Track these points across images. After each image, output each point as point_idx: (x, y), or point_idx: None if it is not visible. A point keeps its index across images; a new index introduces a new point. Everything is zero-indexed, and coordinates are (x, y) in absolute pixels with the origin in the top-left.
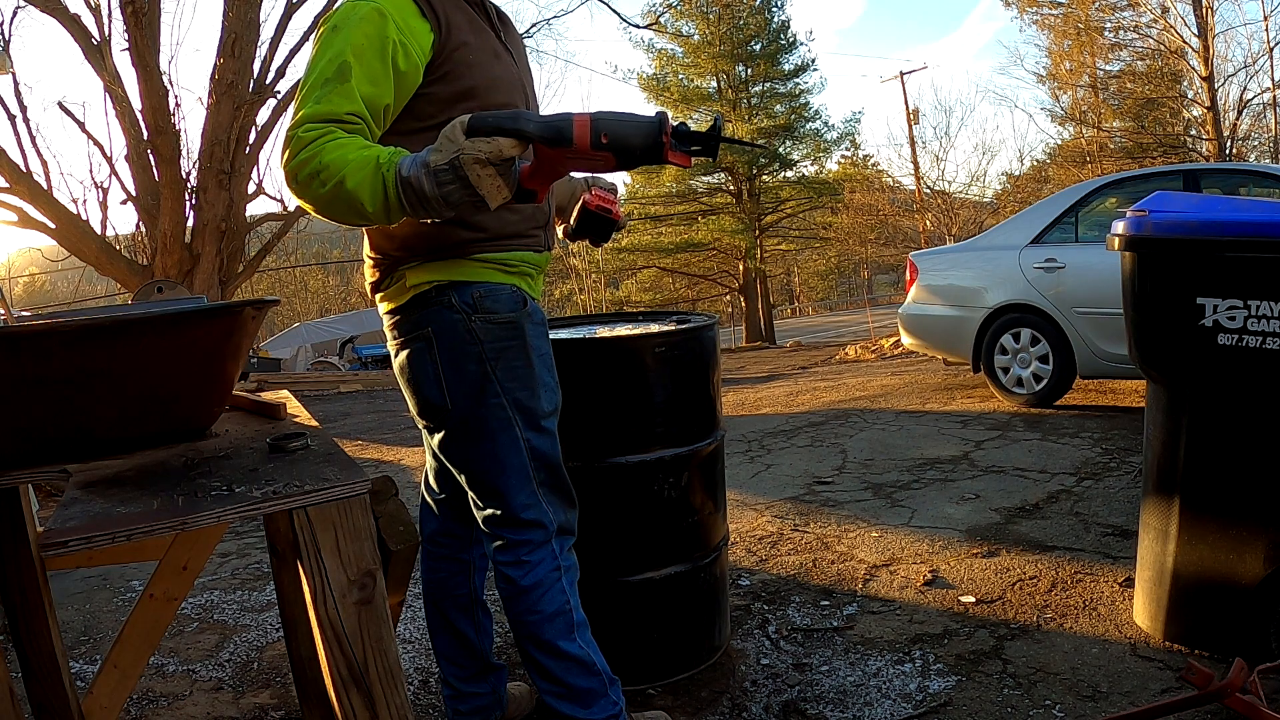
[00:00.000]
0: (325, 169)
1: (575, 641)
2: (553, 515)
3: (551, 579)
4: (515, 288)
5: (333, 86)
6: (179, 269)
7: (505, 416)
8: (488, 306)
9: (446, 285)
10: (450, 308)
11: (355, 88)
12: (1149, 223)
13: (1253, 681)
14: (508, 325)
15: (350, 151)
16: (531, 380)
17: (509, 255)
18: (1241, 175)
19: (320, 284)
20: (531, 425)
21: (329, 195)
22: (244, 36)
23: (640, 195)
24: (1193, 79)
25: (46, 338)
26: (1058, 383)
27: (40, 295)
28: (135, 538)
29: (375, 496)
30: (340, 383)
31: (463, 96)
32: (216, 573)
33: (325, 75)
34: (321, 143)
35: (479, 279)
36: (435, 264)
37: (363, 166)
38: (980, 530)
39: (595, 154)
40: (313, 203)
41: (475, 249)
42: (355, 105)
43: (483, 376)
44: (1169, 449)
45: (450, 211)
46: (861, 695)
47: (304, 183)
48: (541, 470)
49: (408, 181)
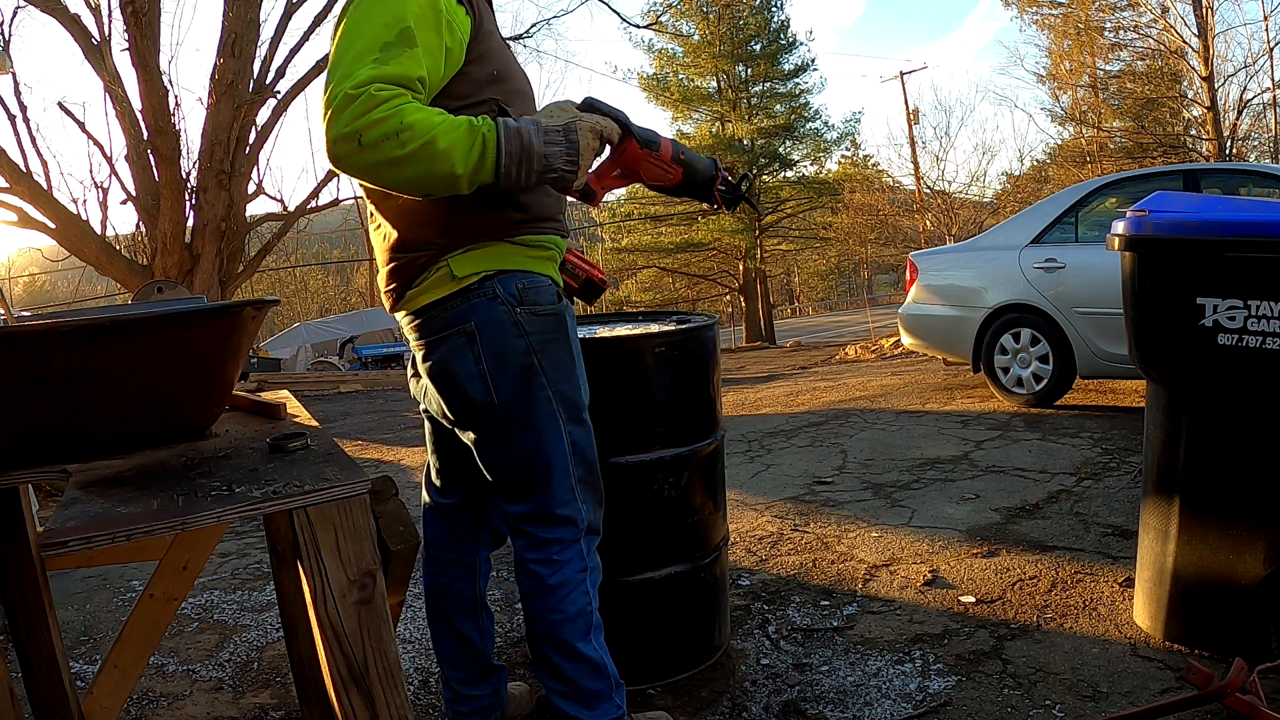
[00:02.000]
0: (408, 129)
1: (591, 644)
2: (585, 512)
3: (577, 580)
4: (550, 279)
5: (399, 50)
6: (179, 269)
7: (551, 410)
8: (532, 298)
9: (491, 276)
10: (495, 299)
11: (421, 55)
12: (1149, 223)
13: (1253, 681)
14: (551, 317)
15: (434, 115)
16: (573, 372)
17: (545, 238)
18: (1241, 175)
19: (320, 284)
20: (574, 418)
21: (407, 156)
22: (244, 36)
23: (640, 195)
24: (1193, 79)
25: (46, 338)
26: (1058, 383)
27: (40, 295)
28: (135, 538)
29: (375, 496)
30: (340, 383)
31: (495, 79)
32: (216, 573)
33: (384, 38)
34: (399, 103)
35: (522, 269)
36: (481, 251)
37: (455, 127)
38: (980, 530)
39: (671, 166)
40: (380, 164)
41: (519, 230)
42: (423, 73)
43: (530, 369)
44: (1169, 449)
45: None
46: (861, 695)
47: (373, 144)
48: (580, 465)
49: (517, 134)
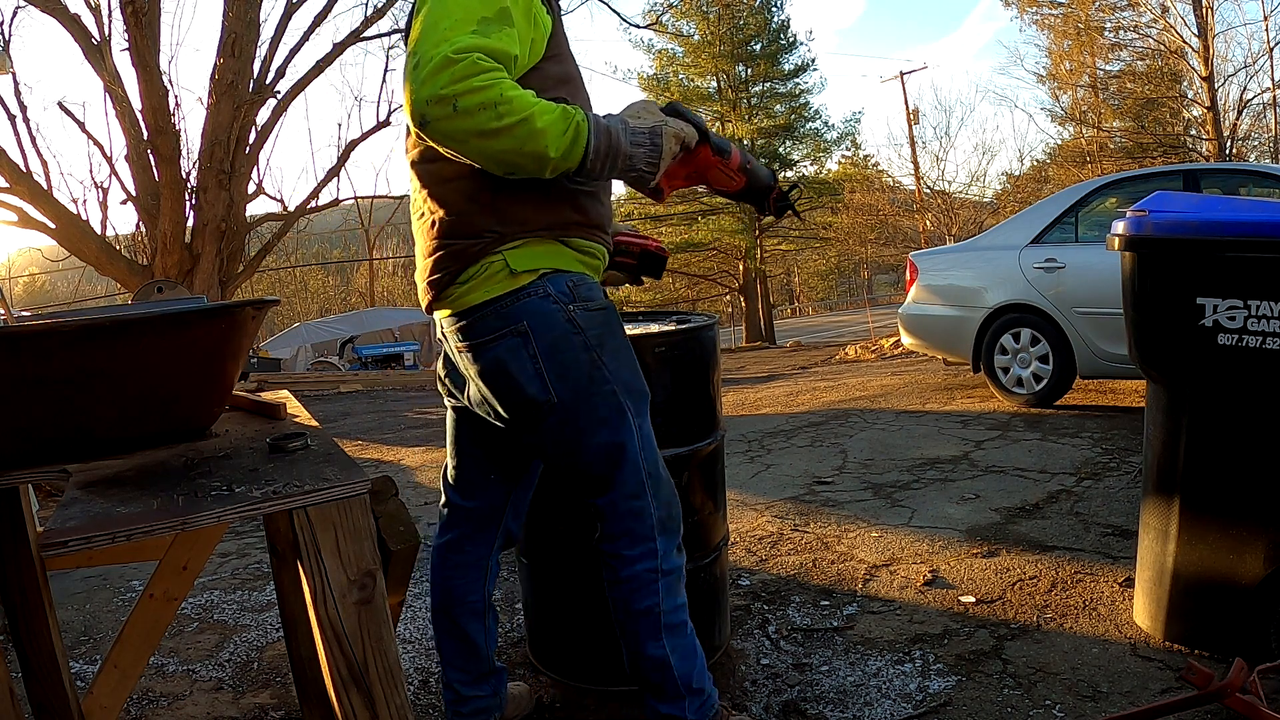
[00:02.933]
0: (507, 102)
1: (661, 643)
2: (655, 507)
3: (646, 578)
4: (594, 279)
5: (498, 26)
6: (179, 269)
7: (618, 402)
8: (584, 294)
9: (546, 275)
10: (547, 297)
11: (517, 35)
12: (1149, 223)
13: (1253, 681)
14: (604, 311)
15: (530, 95)
16: (634, 364)
17: (594, 245)
18: (1241, 175)
19: (320, 284)
20: (640, 410)
21: (502, 129)
22: (244, 36)
23: (640, 195)
24: (1193, 79)
25: (46, 338)
26: (1058, 383)
27: (40, 295)
28: (135, 538)
29: (375, 496)
30: (340, 383)
31: (567, 78)
32: (216, 573)
33: (483, 13)
34: (499, 76)
35: (572, 268)
36: (536, 248)
37: (550, 110)
38: (980, 530)
39: (737, 174)
40: (472, 132)
41: (573, 232)
42: (518, 52)
43: (591, 364)
44: (1169, 449)
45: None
46: (861, 695)
47: (469, 110)
48: (649, 458)
49: (606, 130)
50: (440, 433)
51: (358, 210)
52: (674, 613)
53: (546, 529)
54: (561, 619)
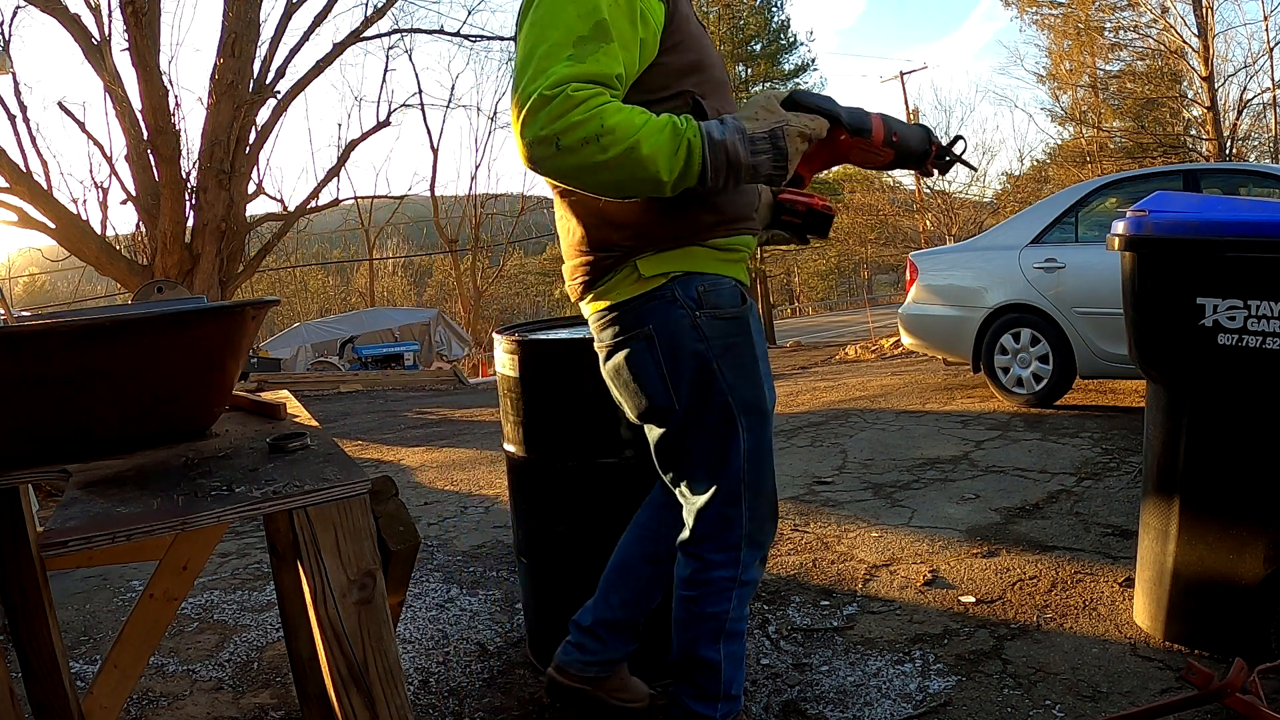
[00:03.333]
0: (609, 133)
1: (716, 649)
2: (747, 520)
3: (723, 585)
4: (735, 281)
5: (595, 46)
6: (179, 269)
7: (730, 415)
8: (713, 301)
9: (676, 279)
10: (674, 303)
11: (618, 50)
12: (1149, 223)
13: (1253, 681)
14: (734, 320)
15: (635, 116)
16: (756, 376)
17: (736, 240)
18: (1241, 175)
19: (320, 284)
20: (753, 424)
21: (609, 161)
22: (244, 36)
23: None
24: (1193, 79)
25: (46, 338)
26: (1058, 383)
27: (40, 295)
28: (135, 538)
29: (375, 496)
30: (340, 383)
31: (693, 69)
32: (216, 573)
33: (579, 32)
34: (598, 104)
35: (707, 270)
36: (670, 253)
37: (658, 131)
38: (980, 530)
39: (882, 149)
40: (580, 168)
41: (711, 234)
42: (620, 69)
43: (709, 374)
44: (1169, 449)
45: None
46: (861, 695)
47: (572, 148)
48: (753, 472)
49: (721, 145)
50: (439, 433)
51: (358, 210)
52: (738, 621)
53: (547, 529)
54: (561, 619)
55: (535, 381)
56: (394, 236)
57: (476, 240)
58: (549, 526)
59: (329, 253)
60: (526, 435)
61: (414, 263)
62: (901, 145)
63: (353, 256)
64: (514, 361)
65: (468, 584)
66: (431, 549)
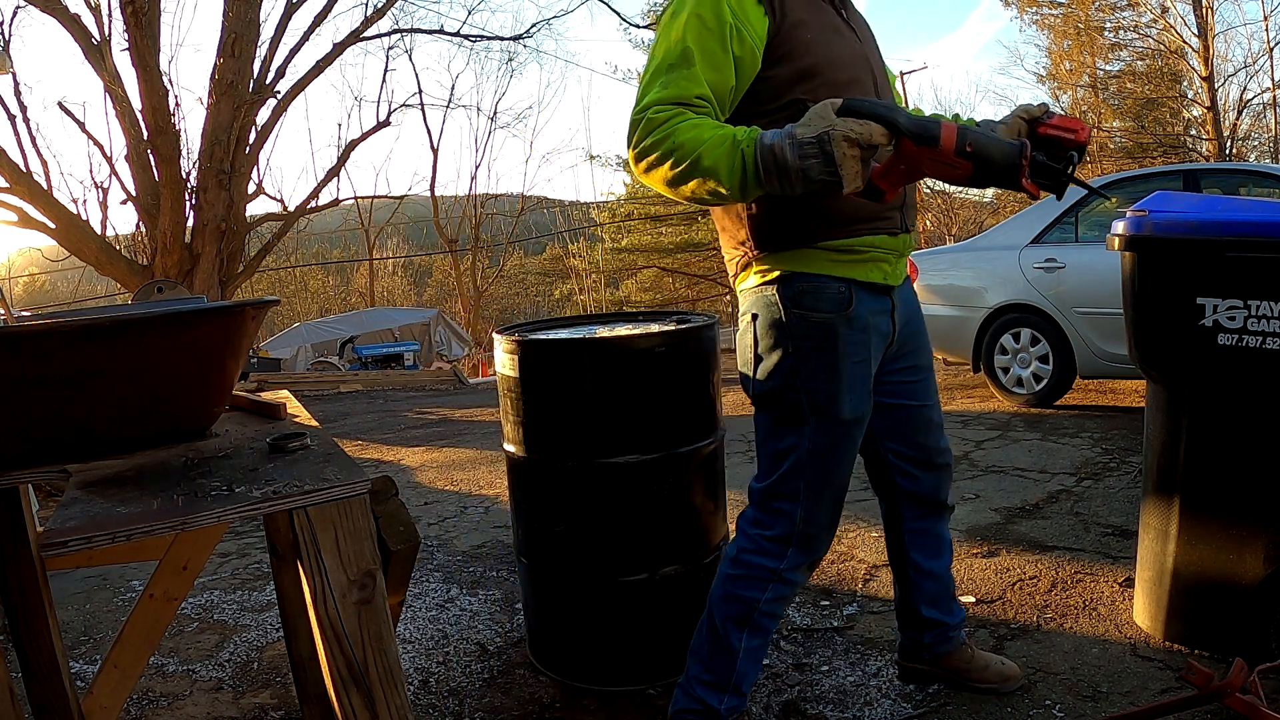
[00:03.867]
0: (680, 149)
1: (738, 634)
2: (801, 517)
3: (762, 573)
4: (846, 284)
5: (678, 72)
6: (179, 269)
7: (799, 413)
8: (807, 304)
9: (781, 277)
10: (774, 300)
11: (700, 73)
12: (1149, 223)
13: (1253, 681)
14: (821, 326)
15: (705, 131)
16: (835, 384)
17: (858, 241)
18: (1241, 175)
19: (320, 284)
20: (823, 427)
21: (682, 174)
22: (244, 36)
23: (640, 195)
24: (1193, 79)
25: (46, 338)
26: (1058, 383)
27: (40, 295)
28: (135, 538)
29: (375, 496)
30: (340, 383)
31: (804, 75)
32: (216, 573)
33: (669, 61)
34: (674, 124)
35: (814, 271)
36: (781, 254)
37: (719, 144)
38: (980, 530)
39: (956, 161)
40: (664, 183)
41: (822, 236)
42: (702, 89)
43: (788, 370)
44: (1169, 449)
45: (803, 188)
46: (861, 695)
47: (654, 164)
48: (815, 472)
49: (770, 150)
50: (439, 433)
51: (358, 210)
52: (767, 618)
53: (547, 529)
54: (561, 619)
55: (535, 381)
56: (394, 236)
57: (476, 240)
58: (549, 526)
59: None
60: (526, 435)
61: (414, 263)
62: (978, 156)
63: (353, 256)
64: (514, 361)
65: (468, 584)
66: (431, 549)
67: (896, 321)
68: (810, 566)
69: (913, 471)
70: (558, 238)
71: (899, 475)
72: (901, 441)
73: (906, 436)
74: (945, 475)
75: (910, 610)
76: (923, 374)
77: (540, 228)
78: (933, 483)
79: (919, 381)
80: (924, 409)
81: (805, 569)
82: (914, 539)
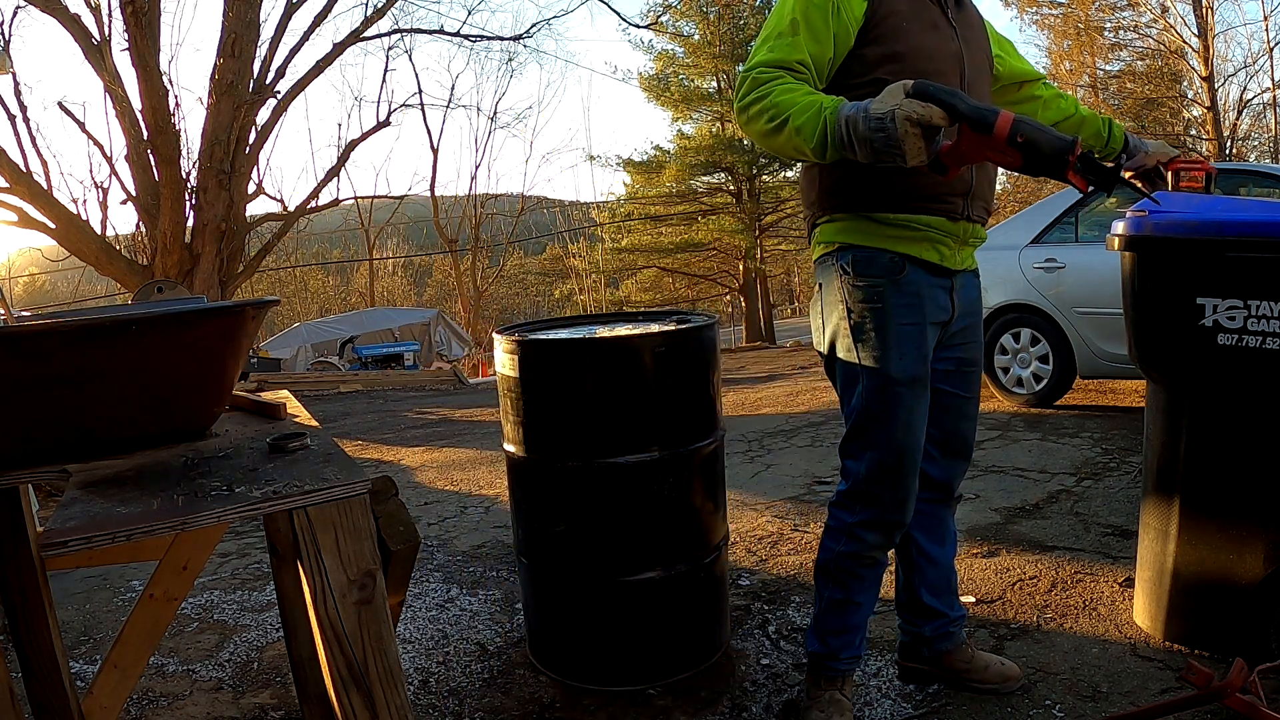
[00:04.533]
0: (775, 107)
1: (824, 585)
2: (860, 472)
3: (838, 527)
4: (898, 255)
5: (785, 39)
6: (179, 269)
7: (854, 372)
8: (859, 270)
9: (839, 247)
10: (833, 268)
11: (803, 42)
12: (1149, 223)
13: (1253, 681)
14: (872, 289)
15: (799, 96)
16: (884, 345)
17: (913, 218)
18: (1241, 175)
19: (320, 284)
20: (873, 386)
21: (774, 129)
22: (244, 36)
23: (640, 195)
24: (1193, 79)
25: (46, 338)
26: (1058, 383)
27: (40, 295)
28: (135, 538)
29: (375, 496)
30: (340, 383)
31: (889, 59)
32: (216, 573)
33: (779, 29)
34: (773, 84)
35: (868, 244)
36: (840, 222)
37: (808, 109)
38: (980, 530)
39: (1008, 149)
40: (758, 135)
41: (879, 207)
42: (803, 56)
43: (843, 333)
44: (1169, 449)
45: (871, 157)
46: (861, 695)
47: (753, 118)
48: (869, 427)
49: (847, 120)
50: (439, 433)
51: (358, 210)
52: (846, 573)
53: (547, 529)
54: (561, 619)
55: (535, 381)
56: (394, 236)
57: (476, 240)
58: (549, 526)
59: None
60: (526, 435)
61: (414, 263)
62: (1028, 147)
63: (353, 256)
64: (514, 361)
65: (468, 584)
66: (431, 549)
67: (956, 302)
68: (883, 530)
69: (932, 453)
70: (558, 238)
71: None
72: (931, 423)
73: (936, 419)
74: (960, 466)
75: (912, 597)
76: (968, 367)
77: (540, 228)
78: (948, 470)
79: (964, 374)
80: (962, 400)
81: (878, 531)
82: (919, 519)
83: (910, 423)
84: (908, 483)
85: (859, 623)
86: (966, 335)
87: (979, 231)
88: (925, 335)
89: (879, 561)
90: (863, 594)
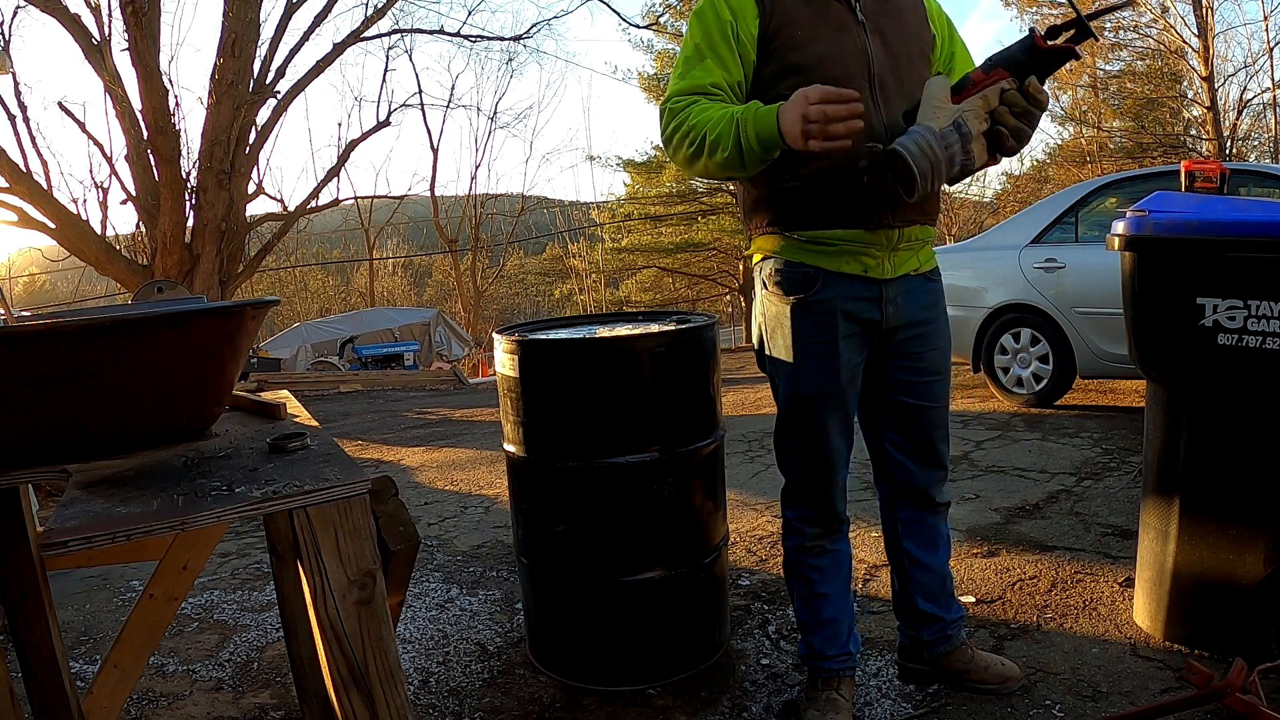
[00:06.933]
0: (692, 129)
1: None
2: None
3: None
4: (813, 271)
5: (694, 65)
6: (179, 269)
7: (774, 382)
8: (774, 285)
9: (764, 258)
10: (757, 278)
11: (712, 65)
12: (1149, 223)
13: (1253, 681)
14: (781, 306)
15: (713, 112)
16: (790, 361)
17: (829, 233)
18: (1241, 175)
19: (320, 284)
20: (786, 396)
21: (695, 151)
22: (244, 36)
23: (640, 195)
24: (1193, 79)
25: (46, 338)
26: (1058, 383)
27: (40, 295)
28: (135, 538)
29: (375, 496)
30: (340, 383)
31: (788, 72)
32: (216, 573)
33: (686, 56)
34: (688, 109)
35: (787, 257)
36: (764, 237)
37: (720, 120)
38: (980, 530)
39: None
40: (684, 163)
41: (790, 226)
42: (716, 79)
43: (765, 344)
44: (1169, 449)
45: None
46: (861, 695)
47: (676, 145)
48: (788, 436)
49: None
50: (439, 433)
51: (358, 210)
52: (800, 566)
53: (547, 529)
54: (561, 619)
55: (535, 381)
56: (394, 236)
57: (476, 240)
58: (549, 526)
59: (329, 253)
60: (526, 435)
61: (414, 263)
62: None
63: (353, 256)
64: (514, 361)
65: (468, 584)
66: (431, 549)
67: (889, 313)
68: (818, 523)
69: (906, 464)
70: (558, 238)
71: (893, 465)
72: (901, 435)
73: (906, 431)
74: (938, 475)
75: (908, 604)
76: (930, 376)
77: (540, 228)
78: (925, 478)
79: (926, 383)
80: (928, 410)
81: (814, 525)
82: (907, 529)
83: (823, 434)
84: (829, 482)
85: (834, 616)
86: (921, 344)
87: (914, 233)
88: (838, 352)
89: (829, 550)
90: (826, 584)
